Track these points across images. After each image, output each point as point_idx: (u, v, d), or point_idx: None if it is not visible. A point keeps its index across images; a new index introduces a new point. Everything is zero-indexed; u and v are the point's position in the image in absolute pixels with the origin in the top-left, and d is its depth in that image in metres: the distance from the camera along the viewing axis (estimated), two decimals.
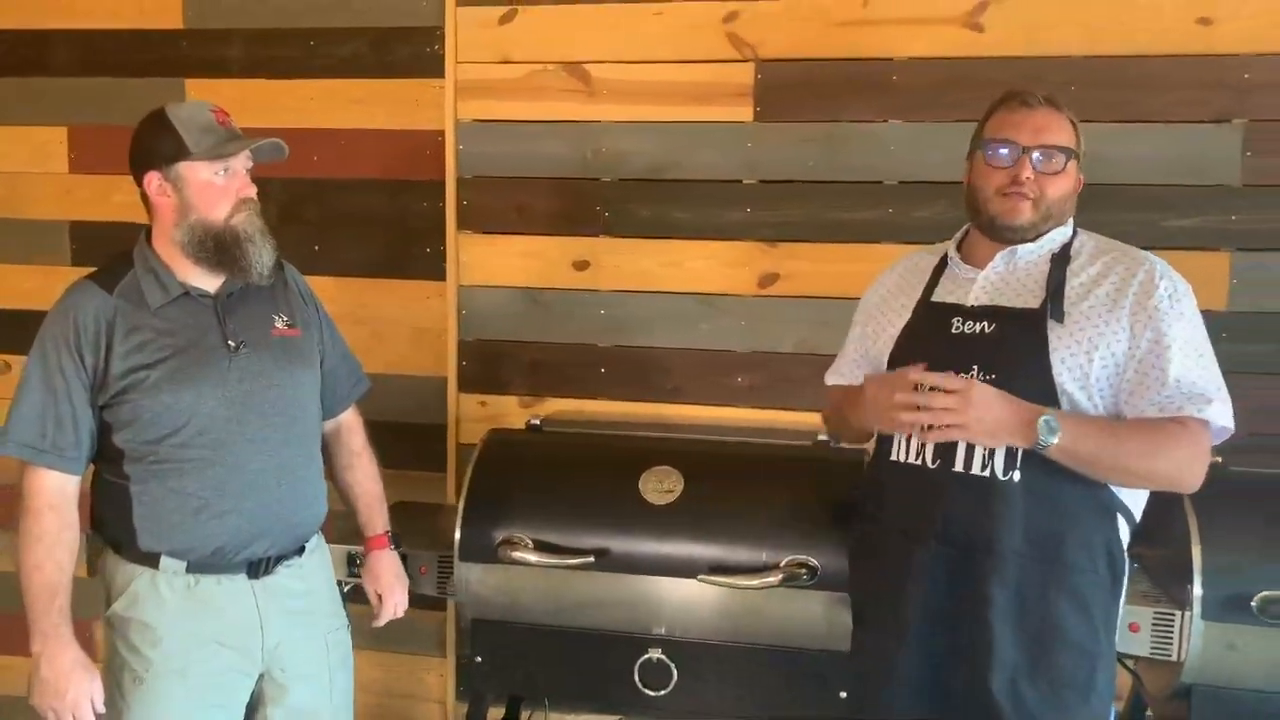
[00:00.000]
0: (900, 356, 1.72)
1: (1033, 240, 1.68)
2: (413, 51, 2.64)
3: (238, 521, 1.76)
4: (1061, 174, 1.65)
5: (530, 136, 2.58)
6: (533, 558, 2.06)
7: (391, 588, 2.06)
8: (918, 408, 1.55)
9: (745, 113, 2.51)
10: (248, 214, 1.76)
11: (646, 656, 2.11)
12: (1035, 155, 1.64)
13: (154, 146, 1.75)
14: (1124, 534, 1.65)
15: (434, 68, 2.61)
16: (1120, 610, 1.66)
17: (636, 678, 2.12)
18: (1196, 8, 2.30)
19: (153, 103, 2.75)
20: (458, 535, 2.14)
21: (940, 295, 1.74)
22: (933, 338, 1.68)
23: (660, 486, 2.10)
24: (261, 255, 1.77)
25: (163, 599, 1.75)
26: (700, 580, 1.99)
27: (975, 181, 1.71)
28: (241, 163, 1.78)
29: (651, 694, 2.12)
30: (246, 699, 1.82)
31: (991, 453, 1.59)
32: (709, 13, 2.49)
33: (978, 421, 1.53)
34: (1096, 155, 2.30)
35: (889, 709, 1.68)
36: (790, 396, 2.55)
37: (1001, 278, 1.69)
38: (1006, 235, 1.68)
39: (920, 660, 1.65)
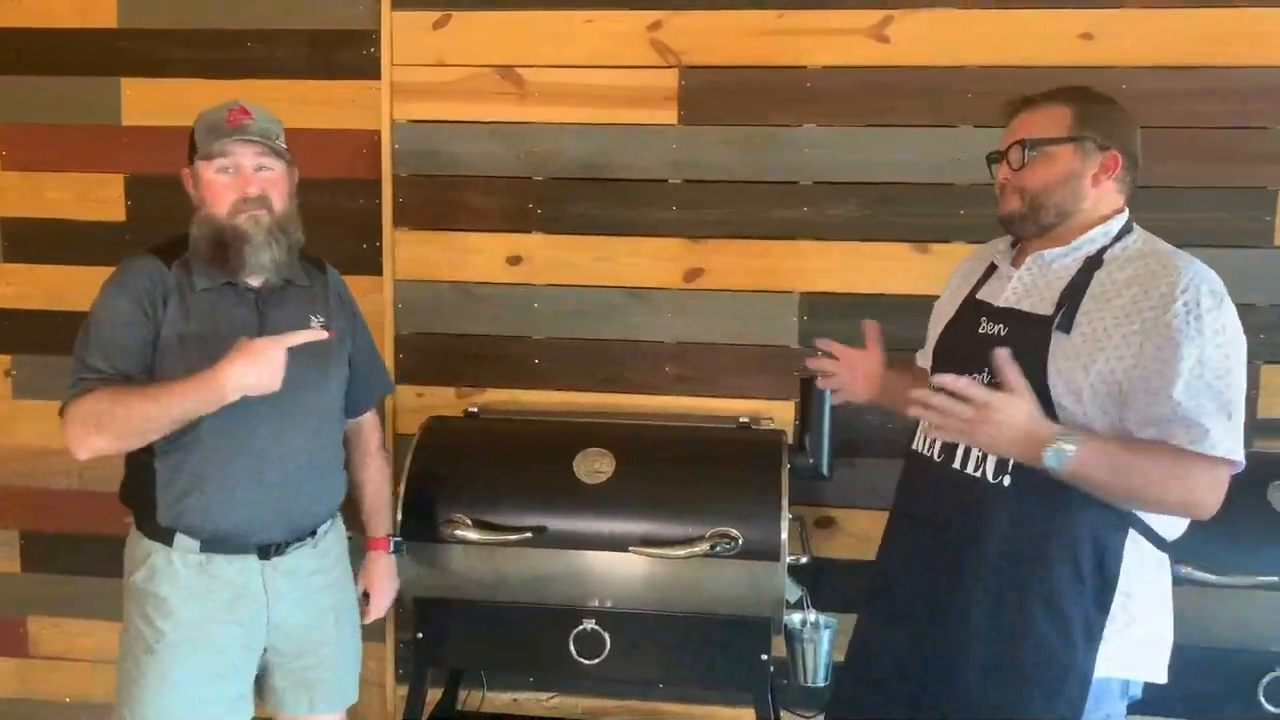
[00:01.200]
0: (942, 350, 1.79)
1: (1049, 230, 1.68)
2: (350, 54, 2.71)
3: (254, 509, 1.83)
4: (1030, 165, 1.66)
5: (465, 137, 2.67)
6: (473, 535, 2.17)
7: (382, 589, 2.14)
8: (928, 406, 1.53)
9: (670, 116, 2.63)
10: (252, 214, 1.80)
11: (581, 627, 2.23)
12: (1008, 156, 1.71)
13: (190, 145, 1.87)
14: (1135, 548, 1.58)
15: (370, 70, 2.69)
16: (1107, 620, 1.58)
17: (571, 648, 2.23)
18: (1080, 24, 2.49)
19: (87, 101, 2.83)
20: (399, 517, 2.23)
21: (983, 293, 1.77)
22: (963, 335, 1.73)
23: (593, 468, 2.22)
24: (259, 257, 1.81)
25: (177, 574, 1.82)
26: (631, 551, 2.12)
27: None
28: (248, 159, 1.82)
29: (586, 663, 2.24)
30: (254, 671, 1.92)
31: (984, 455, 1.61)
32: (635, 21, 2.62)
33: (986, 436, 1.50)
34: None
35: (877, 684, 1.75)
36: (716, 384, 2.68)
37: (1033, 279, 1.69)
38: (1012, 228, 1.74)
39: (908, 640, 1.70)
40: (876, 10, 2.55)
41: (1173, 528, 1.62)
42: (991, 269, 1.82)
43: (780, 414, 2.63)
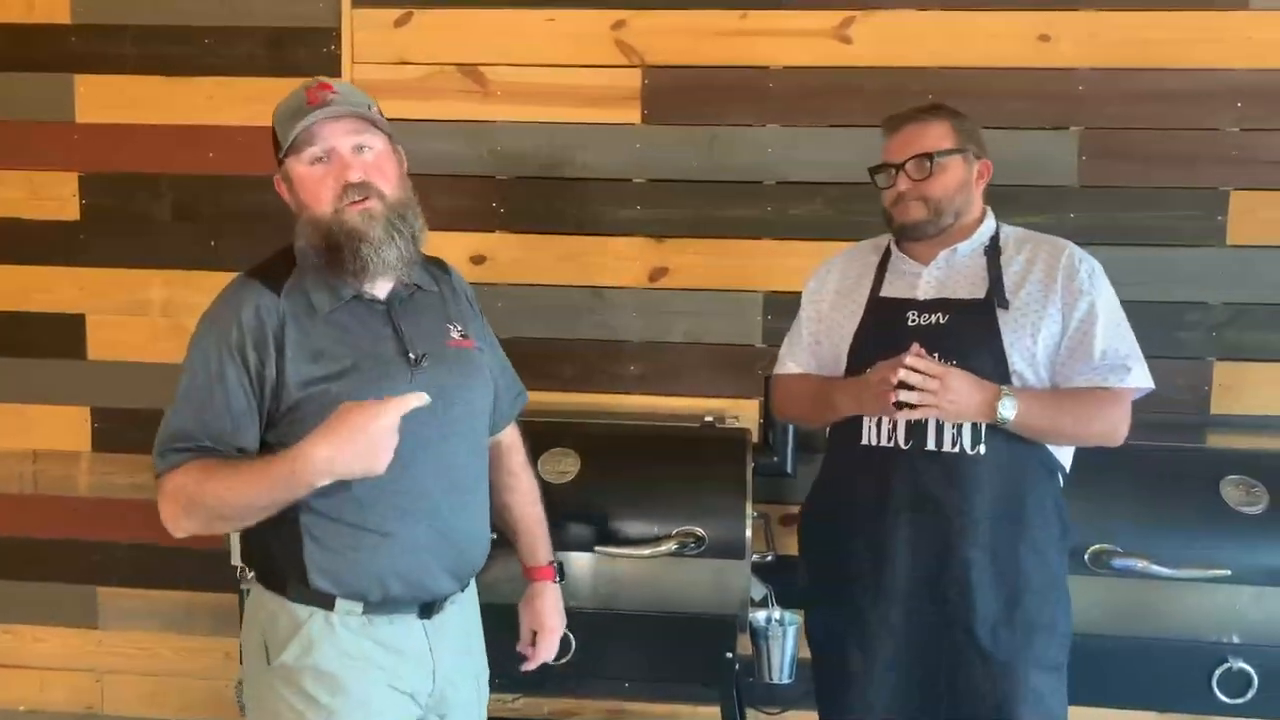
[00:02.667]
0: (861, 350, 1.88)
1: (945, 230, 1.86)
2: (309, 52, 2.69)
3: (417, 554, 1.52)
4: (934, 175, 1.84)
5: (427, 135, 2.65)
6: None
7: (552, 627, 1.82)
8: (909, 387, 1.70)
9: (634, 115, 2.64)
10: (360, 206, 1.46)
11: None
12: (907, 167, 1.84)
13: (274, 145, 1.54)
14: (1061, 488, 1.86)
15: (331, 68, 2.66)
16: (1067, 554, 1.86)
17: None
18: (1038, 25, 2.53)
19: (40, 98, 2.77)
20: None
21: (889, 290, 1.91)
22: (891, 330, 1.83)
23: (557, 467, 2.21)
24: (382, 255, 1.47)
25: (340, 643, 1.50)
26: (596, 552, 2.11)
27: (882, 200, 1.92)
28: (342, 139, 1.47)
29: (551, 663, 2.21)
30: None
31: (959, 430, 1.78)
32: (598, 20, 2.61)
33: (950, 404, 1.71)
34: None
35: (880, 663, 1.84)
36: (681, 383, 2.69)
37: (944, 272, 1.87)
38: (912, 232, 1.87)
39: (904, 618, 1.82)
40: (838, 11, 2.57)
41: (1068, 468, 1.88)
42: (882, 269, 1.93)
43: (745, 412, 2.64)
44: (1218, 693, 2.05)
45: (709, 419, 2.45)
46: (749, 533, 2.15)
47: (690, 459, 2.27)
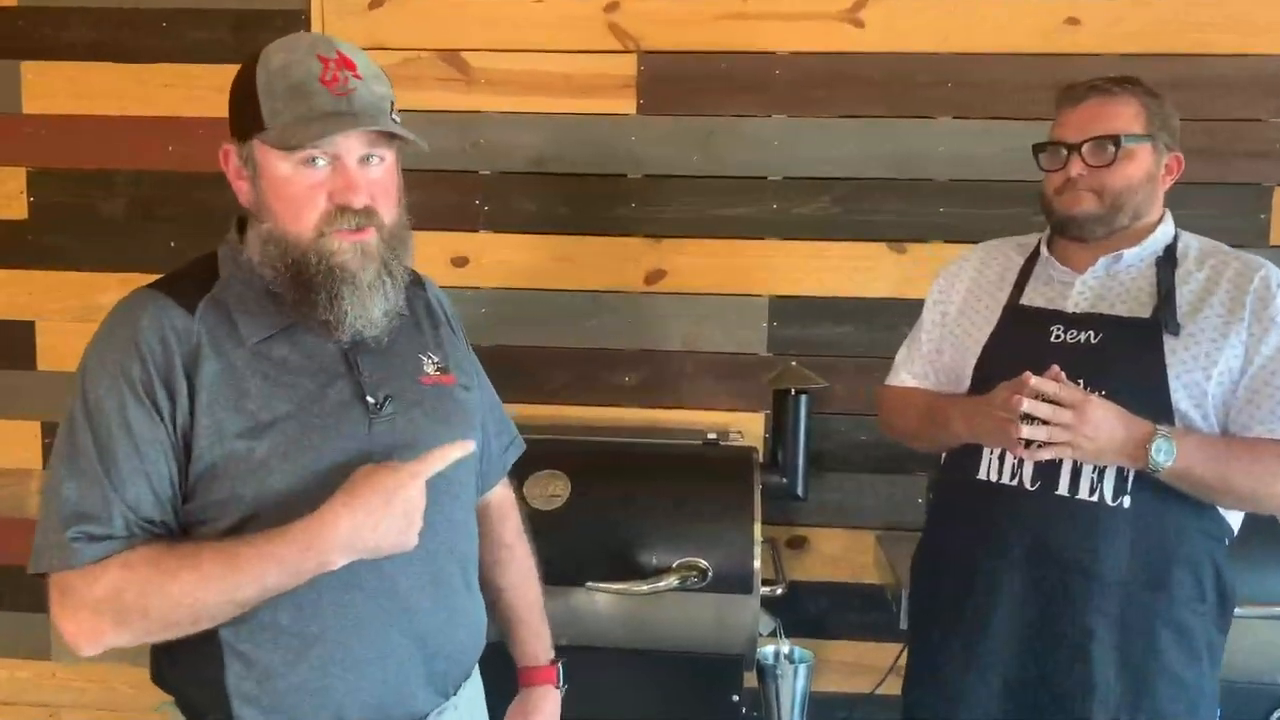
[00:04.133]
0: (990, 366, 1.61)
1: (1119, 233, 1.59)
2: (273, 37, 2.46)
3: (388, 670, 1.17)
4: (1117, 163, 1.55)
5: (405, 127, 2.45)
6: None
7: None
8: (1032, 420, 1.42)
9: (629, 105, 2.45)
10: (354, 237, 1.14)
11: None
12: (1085, 149, 1.56)
13: (235, 107, 1.17)
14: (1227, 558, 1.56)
15: None
16: (1226, 639, 1.56)
17: None
18: (1065, 8, 2.35)
19: None
20: None
21: (1031, 299, 1.63)
22: (1030, 347, 1.55)
23: (545, 492, 2.02)
24: (365, 308, 1.16)
25: None
26: (588, 588, 1.92)
27: (1043, 186, 1.65)
28: (354, 148, 1.14)
29: None
30: None
31: (1100, 475, 1.50)
32: (590, 2, 2.43)
33: (1089, 440, 1.42)
34: (968, 152, 2.39)
35: None
36: (680, 395, 2.51)
37: (1103, 282, 1.59)
38: (1078, 228, 1.59)
39: (998, 691, 1.56)
40: None
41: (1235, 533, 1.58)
42: (1027, 271, 1.67)
43: (750, 427, 2.47)
44: None
45: (711, 436, 2.27)
46: (757, 564, 1.96)
47: (692, 482, 2.08)
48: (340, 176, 1.13)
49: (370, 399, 1.18)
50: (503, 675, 1.52)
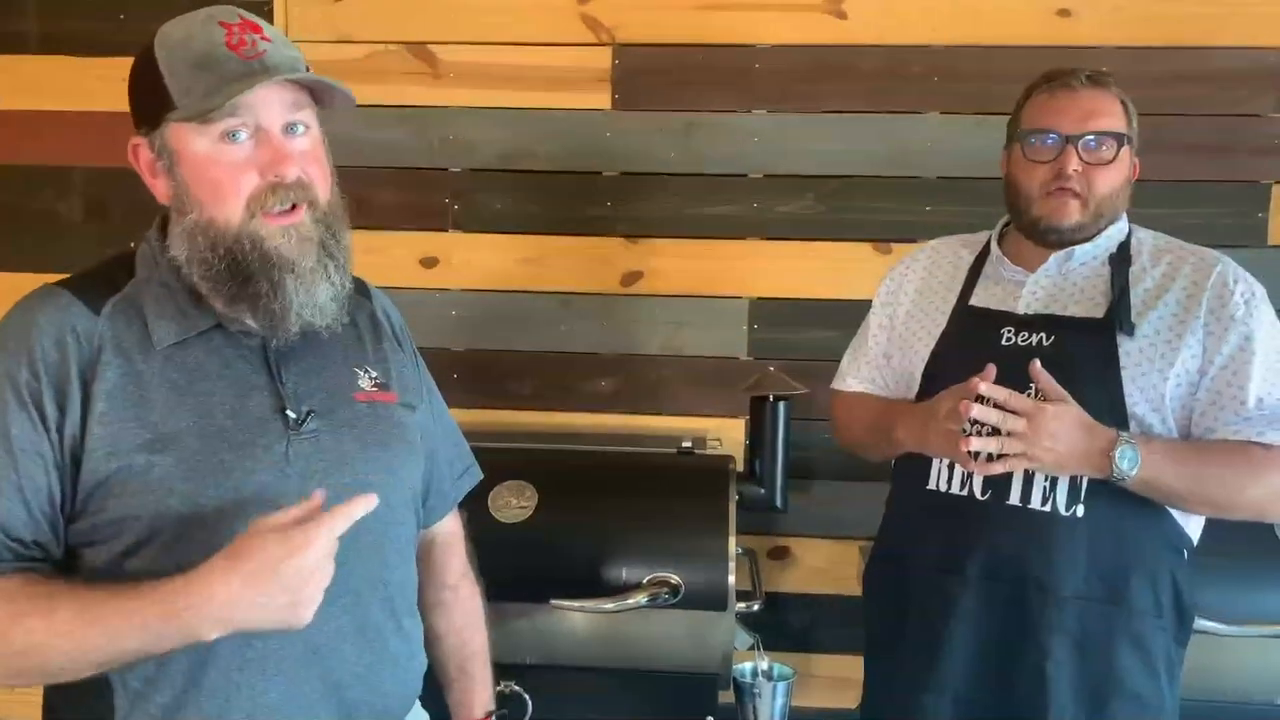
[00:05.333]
0: (940, 371, 1.54)
1: (1085, 240, 1.53)
2: None
3: (299, 713, 1.09)
4: (1113, 164, 1.49)
5: (370, 123, 2.38)
6: None
7: None
8: (981, 430, 1.37)
9: (603, 100, 2.38)
10: (287, 221, 1.07)
11: (498, 689, 1.95)
12: (1083, 143, 1.48)
13: (137, 94, 1.09)
14: (1186, 569, 1.51)
15: None
16: (1184, 654, 1.51)
17: None
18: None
19: None
20: None
21: (981, 299, 1.58)
22: (980, 350, 1.48)
23: (511, 503, 1.94)
24: (312, 295, 1.08)
25: None
26: (553, 605, 1.84)
27: (1015, 177, 1.54)
28: (276, 114, 1.06)
29: None
30: None
31: (1053, 484, 1.44)
32: None
33: (1047, 451, 1.36)
34: (957, 148, 2.31)
35: None
36: (656, 401, 2.44)
37: (1055, 281, 1.54)
38: (1052, 238, 1.52)
39: (951, 712, 1.51)
40: None
41: (1195, 541, 1.52)
42: (976, 270, 1.60)
43: (729, 434, 2.40)
44: None
45: (687, 444, 2.19)
46: (732, 579, 1.89)
47: (664, 493, 2.01)
48: (265, 149, 1.06)
49: (291, 413, 1.08)
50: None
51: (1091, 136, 1.48)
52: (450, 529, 1.38)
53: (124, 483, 1.02)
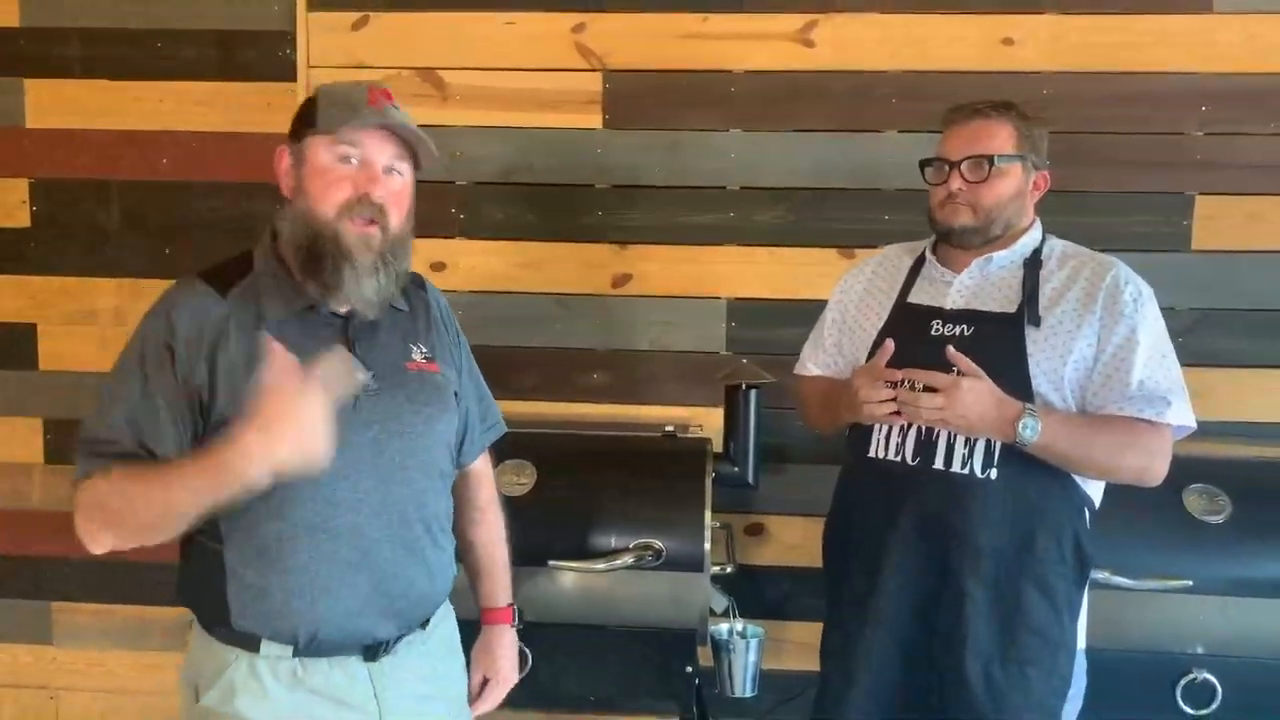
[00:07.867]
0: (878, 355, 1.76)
1: (993, 241, 1.75)
2: (261, 55, 2.63)
3: (353, 601, 1.41)
4: (990, 180, 1.72)
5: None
6: None
7: (506, 674, 1.75)
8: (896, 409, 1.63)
9: (595, 120, 2.59)
10: (363, 230, 1.38)
11: None
12: (965, 166, 1.73)
13: (297, 119, 1.46)
14: (1088, 525, 1.71)
15: (285, 72, 2.61)
16: (1084, 597, 1.72)
17: None
18: (1001, 29, 2.51)
19: None
20: None
21: (917, 297, 1.81)
22: (912, 339, 1.72)
23: (514, 479, 2.17)
24: (360, 286, 1.39)
25: (265, 690, 1.40)
26: (551, 566, 2.07)
27: (930, 198, 1.81)
28: (383, 154, 1.41)
29: None
30: None
31: (970, 451, 1.66)
32: (558, 24, 2.57)
33: (960, 417, 1.59)
34: (914, 163, 2.45)
35: (859, 690, 1.74)
36: (644, 392, 2.64)
37: (977, 282, 1.76)
38: (957, 238, 1.77)
39: (892, 645, 1.72)
40: (801, 15, 2.54)
41: (1098, 503, 1.74)
42: (915, 272, 1.83)
43: (710, 421, 2.59)
44: (1182, 704, 2.03)
45: (670, 429, 2.41)
46: (708, 545, 2.11)
47: (649, 470, 2.23)
48: (365, 173, 1.40)
49: (359, 376, 1.40)
50: None
51: (968, 162, 1.73)
52: (480, 468, 1.74)
53: (238, 417, 1.31)
